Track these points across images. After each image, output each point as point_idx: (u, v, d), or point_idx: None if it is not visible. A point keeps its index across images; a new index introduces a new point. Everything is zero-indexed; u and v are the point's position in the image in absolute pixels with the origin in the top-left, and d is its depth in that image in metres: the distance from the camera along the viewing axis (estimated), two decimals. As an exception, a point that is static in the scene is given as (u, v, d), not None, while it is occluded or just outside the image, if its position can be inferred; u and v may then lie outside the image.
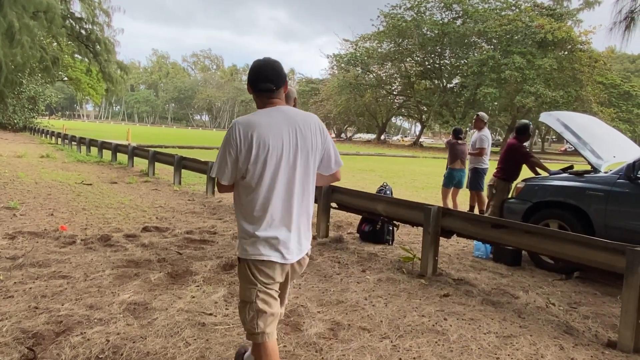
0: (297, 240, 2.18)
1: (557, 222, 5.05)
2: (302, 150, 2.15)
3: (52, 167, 12.50)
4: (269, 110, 2.17)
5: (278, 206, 2.12)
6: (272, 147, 2.08)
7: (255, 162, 2.08)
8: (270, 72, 2.17)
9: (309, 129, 2.19)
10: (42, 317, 3.16)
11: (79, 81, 37.73)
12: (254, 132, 2.07)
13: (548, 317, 3.69)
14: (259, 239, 2.11)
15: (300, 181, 2.16)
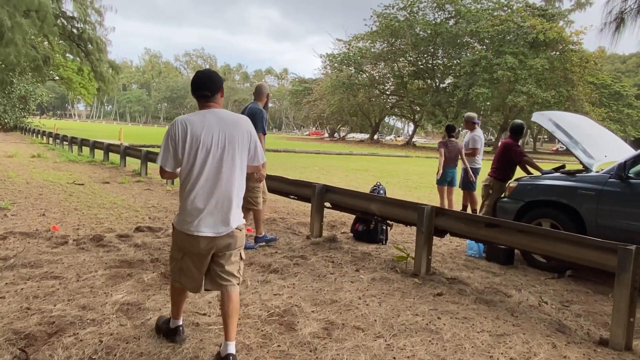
0: (221, 218, 2.65)
1: (550, 221, 5.09)
2: (229, 145, 2.66)
3: (44, 167, 12.40)
4: (204, 112, 2.70)
5: (206, 189, 2.63)
6: (202, 142, 2.60)
7: (189, 153, 2.61)
8: (207, 82, 2.72)
9: (236, 129, 2.70)
10: (34, 318, 3.13)
11: (70, 80, 37.45)
12: (189, 129, 2.61)
13: (541, 316, 3.72)
14: (188, 214, 2.64)
15: (226, 170, 2.65)
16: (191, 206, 2.63)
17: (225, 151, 2.65)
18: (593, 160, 5.21)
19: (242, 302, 3.63)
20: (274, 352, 2.86)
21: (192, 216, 2.63)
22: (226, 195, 2.66)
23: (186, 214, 2.65)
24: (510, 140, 6.28)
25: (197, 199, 2.62)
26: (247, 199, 5.17)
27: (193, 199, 2.62)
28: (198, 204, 2.62)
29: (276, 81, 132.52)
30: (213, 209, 2.63)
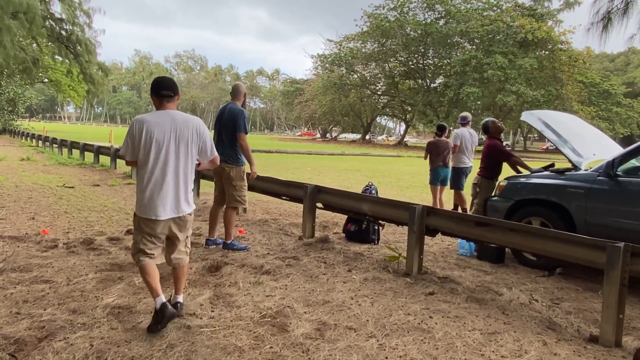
0: (173, 203, 3.14)
1: (539, 220, 5.13)
2: (180, 142, 3.13)
3: (33, 170, 12.30)
4: (159, 113, 3.17)
5: (159, 179, 3.08)
6: (155, 139, 3.06)
7: (144, 147, 3.06)
8: (170, 84, 3.25)
9: (187, 128, 3.17)
10: (24, 322, 3.11)
11: (59, 83, 37.12)
12: (144, 127, 3.07)
13: (531, 313, 3.74)
14: (145, 202, 3.09)
15: (177, 163, 3.13)
16: (148, 195, 3.09)
17: (175, 147, 3.12)
18: (582, 158, 5.25)
19: (234, 303, 3.63)
20: (266, 354, 2.86)
21: (149, 203, 3.09)
22: (177, 186, 3.15)
23: (144, 201, 3.10)
24: (493, 140, 6.32)
25: (152, 189, 3.09)
26: (234, 197, 5.22)
27: (148, 189, 3.09)
28: (153, 193, 3.09)
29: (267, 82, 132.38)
30: (165, 197, 3.10)
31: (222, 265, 4.62)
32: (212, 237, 5.45)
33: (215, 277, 4.26)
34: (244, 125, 5.17)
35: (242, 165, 5.30)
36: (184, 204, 3.19)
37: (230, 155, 5.22)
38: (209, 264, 4.61)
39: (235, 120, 5.18)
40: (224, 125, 5.25)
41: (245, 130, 5.20)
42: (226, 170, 5.23)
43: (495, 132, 6.40)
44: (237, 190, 5.29)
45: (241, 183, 5.30)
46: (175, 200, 3.14)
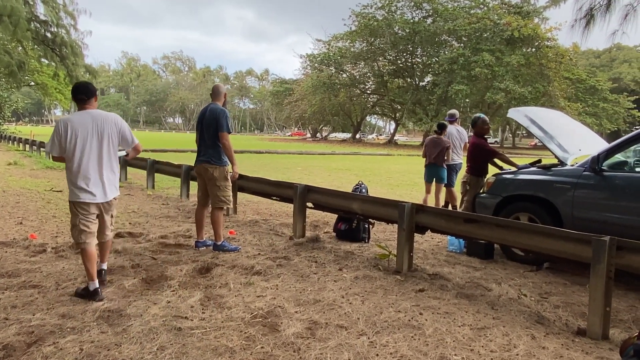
0: (102, 189, 3.74)
1: (527, 215, 5.19)
2: (102, 136, 3.72)
3: (20, 175, 12.16)
4: (81, 113, 3.75)
5: (86, 169, 3.67)
6: (79, 136, 3.64)
7: (69, 143, 3.63)
8: (84, 89, 3.80)
9: (106, 123, 3.76)
10: (12, 328, 3.08)
11: (46, 86, 36.68)
12: (69, 126, 3.64)
13: (520, 308, 3.79)
14: (77, 189, 3.68)
15: (100, 154, 3.72)
16: (79, 183, 3.67)
17: (98, 141, 3.70)
18: (568, 154, 5.32)
19: (225, 304, 3.63)
20: (258, 354, 2.87)
21: (79, 190, 3.67)
22: (101, 174, 3.73)
23: (75, 189, 3.69)
24: (477, 139, 6.35)
25: (80, 178, 3.66)
26: (219, 197, 5.19)
27: (77, 178, 3.67)
28: (81, 182, 3.66)
29: (257, 82, 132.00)
30: (95, 184, 3.70)
31: (212, 266, 4.61)
32: (201, 239, 5.41)
33: (206, 279, 4.25)
34: (226, 125, 5.13)
35: (225, 165, 5.25)
36: (110, 189, 3.81)
37: (212, 155, 5.20)
38: (200, 266, 4.60)
39: (217, 120, 5.15)
40: (206, 126, 5.22)
41: (228, 130, 5.15)
42: (209, 171, 5.20)
43: (479, 131, 6.39)
44: (222, 191, 5.25)
45: (225, 183, 5.26)
46: (102, 186, 3.75)
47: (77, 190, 3.68)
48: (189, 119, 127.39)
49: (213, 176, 5.21)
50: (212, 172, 5.20)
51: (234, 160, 5.34)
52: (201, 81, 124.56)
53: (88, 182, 3.68)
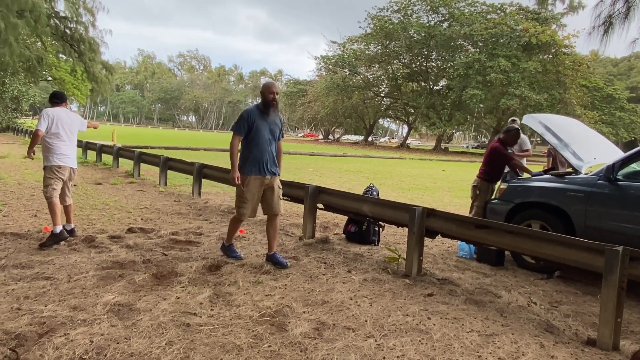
0: (74, 159, 5.42)
1: (539, 223, 5.14)
2: (72, 124, 5.38)
3: (36, 168, 12.33)
4: (57, 109, 5.36)
5: (67, 144, 5.31)
6: (62, 121, 5.25)
7: (55, 127, 5.18)
8: (59, 96, 5.51)
9: (71, 117, 5.42)
10: (24, 318, 3.13)
11: (63, 81, 37.18)
12: (55, 114, 5.22)
13: (529, 316, 3.76)
14: (60, 156, 5.23)
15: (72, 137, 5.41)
16: (62, 152, 5.22)
17: (69, 127, 5.32)
18: (582, 162, 5.26)
19: (233, 302, 3.65)
20: (265, 352, 2.88)
21: (63, 157, 5.23)
22: (74, 148, 5.43)
23: (60, 155, 5.21)
24: (497, 143, 6.30)
25: (63, 149, 5.25)
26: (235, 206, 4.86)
27: (61, 149, 5.22)
28: (65, 151, 5.26)
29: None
30: (72, 154, 5.35)
31: (222, 264, 4.64)
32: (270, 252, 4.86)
33: (215, 276, 4.28)
34: (235, 125, 4.65)
35: (243, 172, 4.70)
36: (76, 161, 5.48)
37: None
38: (209, 263, 4.63)
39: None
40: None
41: (234, 129, 4.64)
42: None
43: (507, 139, 6.26)
44: (235, 200, 4.85)
45: (237, 191, 4.79)
46: (74, 157, 5.41)
47: (60, 156, 5.22)
48: (202, 117, 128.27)
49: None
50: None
51: (232, 163, 4.67)
52: (215, 80, 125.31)
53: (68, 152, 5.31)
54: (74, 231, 5.46)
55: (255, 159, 4.63)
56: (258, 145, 4.63)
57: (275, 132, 4.77)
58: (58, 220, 5.06)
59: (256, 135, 4.61)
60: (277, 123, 4.77)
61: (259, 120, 4.62)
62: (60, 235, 5.03)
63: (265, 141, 4.65)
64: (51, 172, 5.20)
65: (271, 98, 4.63)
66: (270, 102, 4.64)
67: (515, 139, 6.34)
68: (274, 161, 4.80)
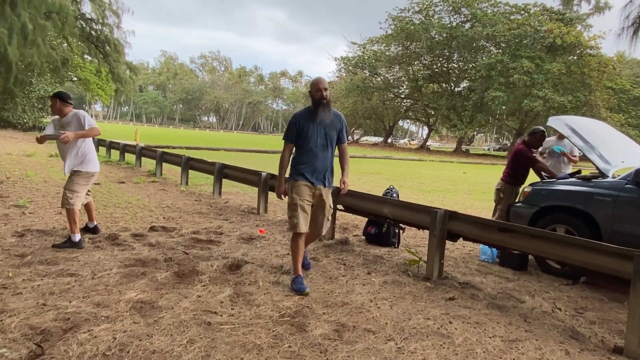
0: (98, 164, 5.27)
1: (564, 227, 5.04)
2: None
3: (61, 167, 12.59)
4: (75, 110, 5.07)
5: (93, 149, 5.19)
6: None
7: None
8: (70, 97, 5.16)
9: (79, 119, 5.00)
10: (50, 314, 3.19)
11: (88, 81, 37.94)
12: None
13: (554, 322, 3.68)
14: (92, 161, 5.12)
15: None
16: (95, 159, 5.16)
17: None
18: (609, 165, 5.14)
19: (253, 302, 3.66)
20: (285, 353, 2.88)
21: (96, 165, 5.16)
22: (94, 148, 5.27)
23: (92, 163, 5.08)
24: (522, 145, 6.20)
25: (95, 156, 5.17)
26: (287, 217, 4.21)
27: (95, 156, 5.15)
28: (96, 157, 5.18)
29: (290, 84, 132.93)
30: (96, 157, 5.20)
31: (242, 263, 4.66)
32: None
33: (236, 276, 4.30)
34: (285, 132, 4.16)
35: (290, 179, 4.16)
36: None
37: None
38: (230, 263, 4.66)
39: None
40: None
41: (284, 137, 4.17)
42: None
43: (531, 142, 6.15)
44: (287, 212, 4.21)
45: (288, 200, 4.20)
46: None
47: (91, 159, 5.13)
48: (222, 118, 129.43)
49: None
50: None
51: (278, 176, 4.24)
52: (236, 81, 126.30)
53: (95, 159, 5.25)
54: (98, 228, 5.53)
55: (305, 166, 4.08)
56: (309, 152, 4.07)
57: (332, 136, 4.15)
58: (77, 229, 4.91)
59: (307, 141, 4.06)
60: (334, 125, 4.14)
61: (309, 124, 4.06)
62: (78, 244, 4.86)
63: (318, 146, 4.07)
64: (85, 179, 5.01)
65: (319, 96, 4.05)
66: (320, 101, 4.05)
67: (540, 141, 6.23)
68: (330, 170, 4.20)
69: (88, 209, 5.49)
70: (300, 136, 4.09)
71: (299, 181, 4.09)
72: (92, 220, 5.55)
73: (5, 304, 3.32)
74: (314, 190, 4.12)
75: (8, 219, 6.03)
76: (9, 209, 6.65)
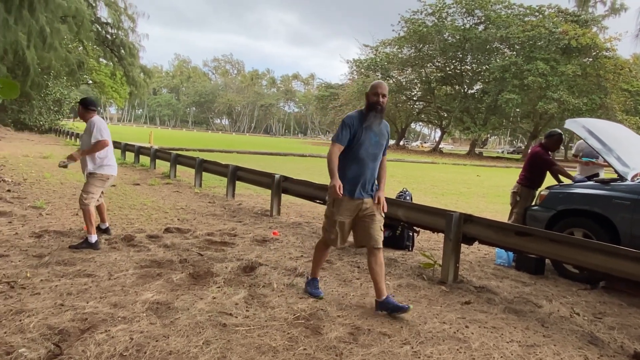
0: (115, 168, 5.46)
1: (582, 231, 4.97)
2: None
3: (77, 168, 12.66)
4: (99, 117, 5.33)
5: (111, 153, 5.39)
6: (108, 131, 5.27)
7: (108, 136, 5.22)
8: (96, 103, 5.49)
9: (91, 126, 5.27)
10: (67, 314, 3.22)
11: (103, 84, 38.47)
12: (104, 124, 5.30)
13: (572, 327, 3.62)
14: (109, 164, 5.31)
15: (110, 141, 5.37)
16: (111, 163, 5.32)
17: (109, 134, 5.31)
18: (628, 168, 5.06)
19: (268, 304, 3.66)
20: (300, 355, 2.87)
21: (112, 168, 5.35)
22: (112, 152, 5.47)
23: (107, 166, 5.27)
24: (539, 148, 6.13)
25: (112, 160, 5.36)
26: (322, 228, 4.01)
27: (112, 160, 5.35)
28: (113, 161, 5.38)
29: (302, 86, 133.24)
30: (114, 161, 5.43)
31: (256, 265, 4.67)
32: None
33: (250, 277, 4.31)
34: (336, 133, 3.75)
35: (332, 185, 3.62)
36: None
37: None
38: (244, 264, 4.67)
39: None
40: None
41: (335, 138, 3.73)
42: None
43: (549, 145, 6.08)
44: (323, 223, 3.98)
45: (326, 211, 3.89)
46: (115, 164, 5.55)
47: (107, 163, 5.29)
48: (235, 120, 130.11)
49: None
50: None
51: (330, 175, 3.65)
52: (248, 84, 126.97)
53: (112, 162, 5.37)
54: (109, 230, 5.61)
55: (352, 177, 3.70)
56: (359, 161, 3.69)
57: (382, 145, 3.83)
58: (94, 230, 5.01)
59: (358, 148, 3.68)
60: (384, 134, 3.84)
61: (362, 130, 3.69)
62: (94, 245, 4.94)
63: (369, 155, 3.71)
64: (100, 181, 5.23)
65: (375, 100, 3.69)
66: (375, 105, 3.70)
67: (558, 144, 6.16)
68: (375, 181, 3.89)
69: (100, 210, 5.59)
70: (351, 142, 3.69)
71: (345, 196, 3.68)
72: (104, 221, 5.63)
73: (24, 304, 3.36)
74: (361, 204, 3.75)
75: (26, 219, 6.12)
76: (27, 210, 6.75)
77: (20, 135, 27.39)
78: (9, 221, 5.97)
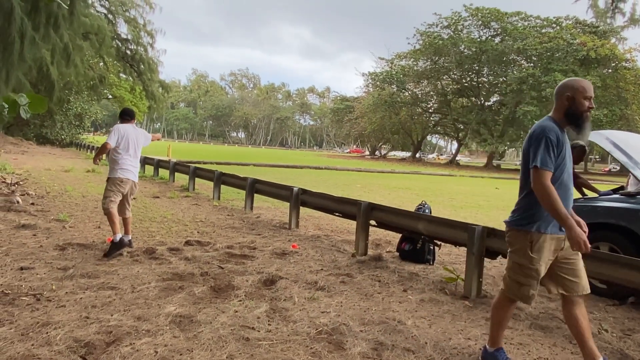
0: (136, 173, 5.63)
1: (608, 245, 4.86)
2: (137, 140, 5.68)
3: (98, 182, 12.94)
4: (127, 125, 5.68)
5: (128, 159, 5.54)
6: (130, 138, 5.56)
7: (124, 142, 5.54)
8: (131, 113, 5.90)
9: (140, 133, 5.79)
10: (93, 326, 3.25)
11: (122, 99, 39.17)
12: (125, 131, 5.57)
13: (601, 344, 3.53)
14: (123, 171, 5.49)
15: (138, 151, 5.68)
16: (124, 167, 5.49)
17: (135, 143, 5.62)
18: (655, 181, 4.96)
19: (290, 318, 3.64)
20: (324, 371, 2.85)
21: (124, 171, 5.48)
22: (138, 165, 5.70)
23: (120, 170, 5.46)
24: None
25: (126, 165, 5.52)
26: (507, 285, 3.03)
27: (125, 164, 5.51)
28: (127, 166, 5.52)
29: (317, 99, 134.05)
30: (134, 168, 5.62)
31: (276, 279, 4.66)
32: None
33: (271, 291, 4.30)
34: (539, 156, 2.73)
35: (523, 228, 2.87)
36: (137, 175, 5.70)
37: (515, 206, 2.98)
38: (264, 277, 4.67)
39: (528, 146, 2.85)
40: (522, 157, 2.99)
41: (540, 163, 2.72)
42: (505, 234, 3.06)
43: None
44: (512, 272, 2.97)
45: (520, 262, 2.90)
46: (137, 172, 5.65)
47: (121, 171, 5.48)
48: (251, 133, 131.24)
49: (509, 244, 3.00)
50: (507, 236, 3.02)
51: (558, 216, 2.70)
52: (264, 97, 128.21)
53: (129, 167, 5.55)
54: (131, 243, 5.64)
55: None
56: (562, 185, 2.82)
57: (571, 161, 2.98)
58: (117, 229, 5.34)
59: (562, 170, 2.82)
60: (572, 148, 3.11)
61: (565, 145, 2.86)
62: (120, 244, 5.26)
63: (570, 178, 2.92)
64: (113, 185, 5.46)
65: (589, 107, 2.85)
66: (587, 113, 2.86)
67: (581, 156, 6.06)
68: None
69: (125, 222, 5.66)
70: (556, 160, 2.79)
71: (544, 233, 2.82)
72: (127, 233, 5.66)
73: (50, 317, 3.40)
74: (564, 241, 2.87)
75: (50, 232, 6.21)
76: (50, 222, 6.86)
77: (42, 149, 27.95)
78: (34, 234, 6.07)
